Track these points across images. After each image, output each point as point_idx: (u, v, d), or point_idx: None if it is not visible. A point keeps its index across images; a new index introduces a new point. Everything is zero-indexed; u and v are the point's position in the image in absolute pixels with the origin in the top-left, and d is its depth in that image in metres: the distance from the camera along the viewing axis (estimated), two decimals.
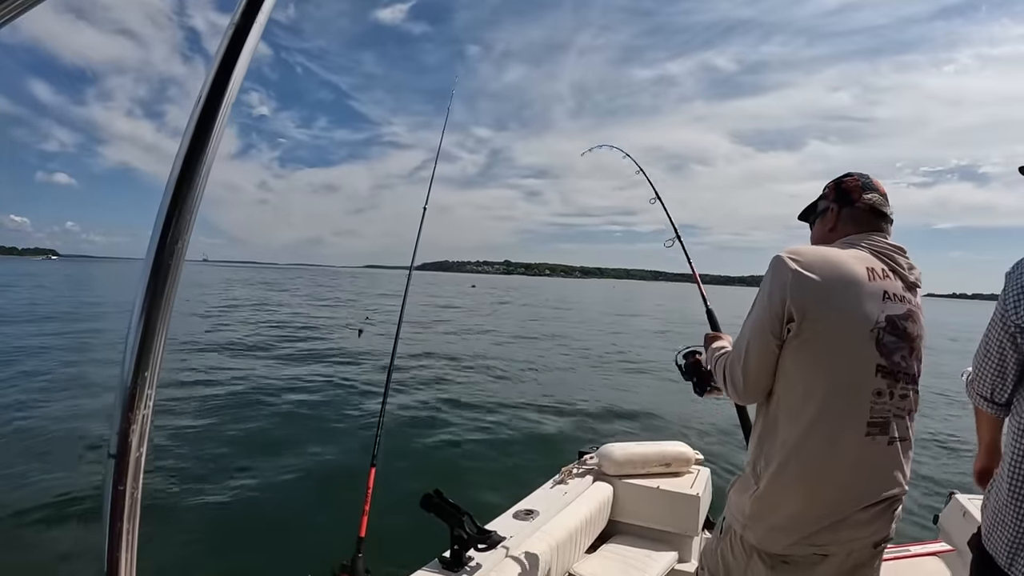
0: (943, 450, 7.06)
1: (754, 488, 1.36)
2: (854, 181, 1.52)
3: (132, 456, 0.42)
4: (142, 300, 0.43)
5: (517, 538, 2.21)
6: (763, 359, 1.35)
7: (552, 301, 39.29)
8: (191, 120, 0.44)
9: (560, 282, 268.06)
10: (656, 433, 7.00)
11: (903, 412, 1.34)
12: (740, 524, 1.39)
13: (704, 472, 3.06)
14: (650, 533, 2.87)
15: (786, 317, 1.30)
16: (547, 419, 7.47)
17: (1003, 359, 1.40)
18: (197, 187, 0.44)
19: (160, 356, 0.44)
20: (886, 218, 1.49)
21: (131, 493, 0.43)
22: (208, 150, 0.44)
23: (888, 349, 1.30)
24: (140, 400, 0.43)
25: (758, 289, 1.41)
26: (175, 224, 0.44)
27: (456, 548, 2.00)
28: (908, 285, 1.39)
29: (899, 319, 1.33)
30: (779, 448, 1.33)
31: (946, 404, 10.18)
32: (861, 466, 1.29)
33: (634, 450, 3.00)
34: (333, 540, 3.45)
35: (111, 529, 0.42)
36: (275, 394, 8.04)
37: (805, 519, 1.29)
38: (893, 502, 1.35)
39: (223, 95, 0.45)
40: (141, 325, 0.43)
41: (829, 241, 1.49)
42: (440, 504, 2.02)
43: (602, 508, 2.80)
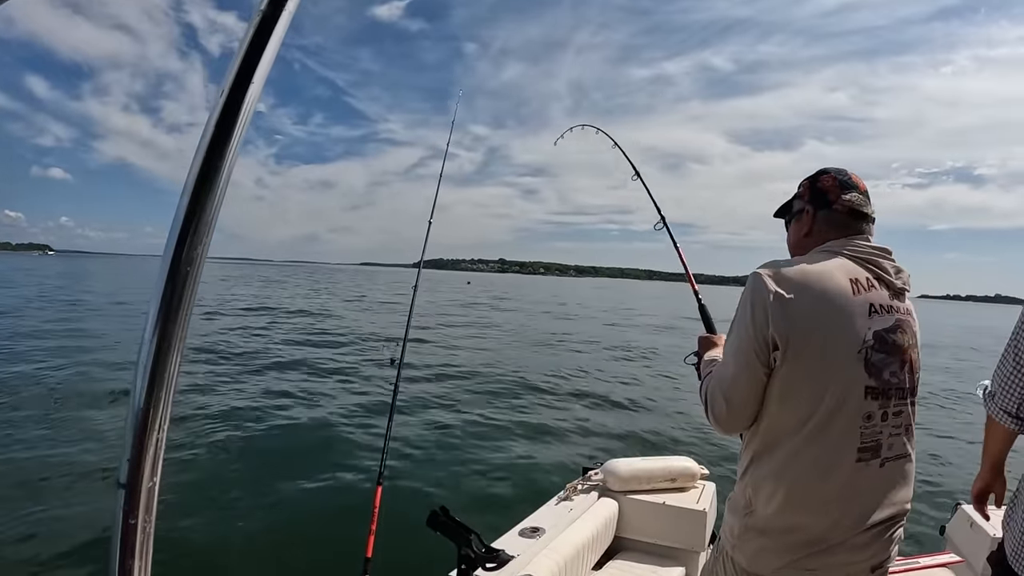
0: (948, 459, 6.99)
1: (744, 510, 1.34)
2: (830, 180, 1.42)
3: (144, 486, 0.39)
4: (156, 313, 0.40)
5: (524, 556, 2.20)
6: (750, 388, 1.29)
7: (546, 303, 39.24)
8: (212, 114, 0.41)
9: (554, 281, 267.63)
10: (661, 448, 6.95)
11: (898, 430, 1.29)
12: (731, 545, 1.37)
13: (710, 487, 3.04)
14: (656, 549, 2.85)
15: (770, 344, 1.24)
16: (551, 434, 7.43)
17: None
18: (218, 187, 0.42)
19: (176, 375, 0.41)
20: (867, 218, 1.40)
21: (143, 527, 0.39)
22: (231, 145, 0.42)
23: (877, 368, 1.25)
24: (154, 424, 0.39)
25: (737, 308, 1.34)
26: (194, 229, 0.41)
27: (463, 567, 1.99)
28: (895, 292, 1.33)
29: (887, 332, 1.27)
30: (767, 474, 1.29)
31: (948, 412, 10.13)
32: (852, 492, 1.25)
33: (639, 465, 2.98)
34: (339, 560, 3.43)
35: (121, 566, 0.39)
36: (279, 408, 8.00)
37: (795, 544, 1.26)
38: (892, 524, 1.30)
39: (247, 88, 0.42)
40: (155, 341, 0.39)
41: (805, 247, 1.42)
42: (447, 522, 2.01)
43: (608, 524, 2.78)
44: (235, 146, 0.42)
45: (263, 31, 0.42)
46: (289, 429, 7.10)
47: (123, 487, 0.39)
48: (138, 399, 0.39)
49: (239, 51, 0.42)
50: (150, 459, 0.40)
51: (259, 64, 0.42)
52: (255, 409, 7.85)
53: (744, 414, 1.31)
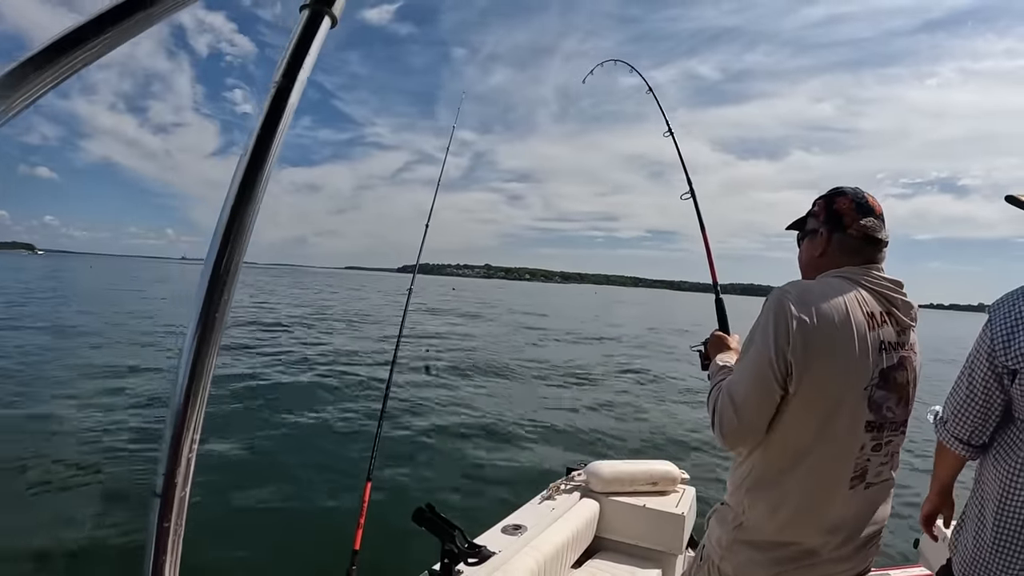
0: (926, 474, 7.01)
1: (733, 522, 1.37)
2: (847, 203, 1.38)
3: (177, 495, 0.44)
4: (193, 335, 0.43)
5: (505, 553, 2.26)
6: (763, 407, 1.27)
7: (535, 308, 39.17)
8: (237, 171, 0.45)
9: (540, 287, 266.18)
10: (643, 451, 7.02)
11: (886, 458, 1.33)
12: (718, 555, 1.40)
13: (690, 491, 3.10)
14: (635, 550, 2.91)
15: (788, 369, 1.23)
16: (535, 434, 7.50)
17: (988, 401, 1.34)
18: (255, 203, 0.45)
19: (206, 396, 0.45)
20: (881, 244, 1.38)
21: (175, 529, 0.45)
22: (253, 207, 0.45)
23: (877, 404, 1.27)
24: (185, 442, 0.44)
25: (754, 324, 1.32)
26: (233, 236, 0.44)
27: (446, 562, 2.06)
28: (902, 328, 1.33)
29: (891, 370, 1.28)
30: (767, 495, 1.31)
31: (929, 427, 10.18)
32: (840, 515, 1.30)
33: (621, 468, 3.05)
34: (329, 552, 3.49)
35: (155, 564, 0.44)
36: (270, 406, 8.04)
37: (784, 557, 1.30)
38: (872, 537, 1.36)
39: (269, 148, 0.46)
40: (190, 362, 0.43)
41: (819, 267, 1.41)
42: (432, 519, 2.08)
43: (589, 524, 2.84)
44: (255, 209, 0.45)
45: (279, 100, 0.47)
46: (281, 425, 7.15)
47: (158, 496, 0.44)
48: (174, 418, 0.44)
49: (256, 124, 0.46)
50: (182, 472, 0.44)
51: (275, 136, 0.46)
52: (247, 405, 7.91)
53: (754, 432, 1.29)
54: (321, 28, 0.49)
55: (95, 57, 0.45)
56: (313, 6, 0.49)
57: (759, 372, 1.26)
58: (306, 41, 0.49)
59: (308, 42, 0.49)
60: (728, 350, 1.64)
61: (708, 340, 1.74)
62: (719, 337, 1.71)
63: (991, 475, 1.36)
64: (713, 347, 1.69)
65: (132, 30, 0.46)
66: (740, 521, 1.35)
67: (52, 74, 0.43)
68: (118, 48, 0.45)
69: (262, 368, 10.76)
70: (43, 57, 0.42)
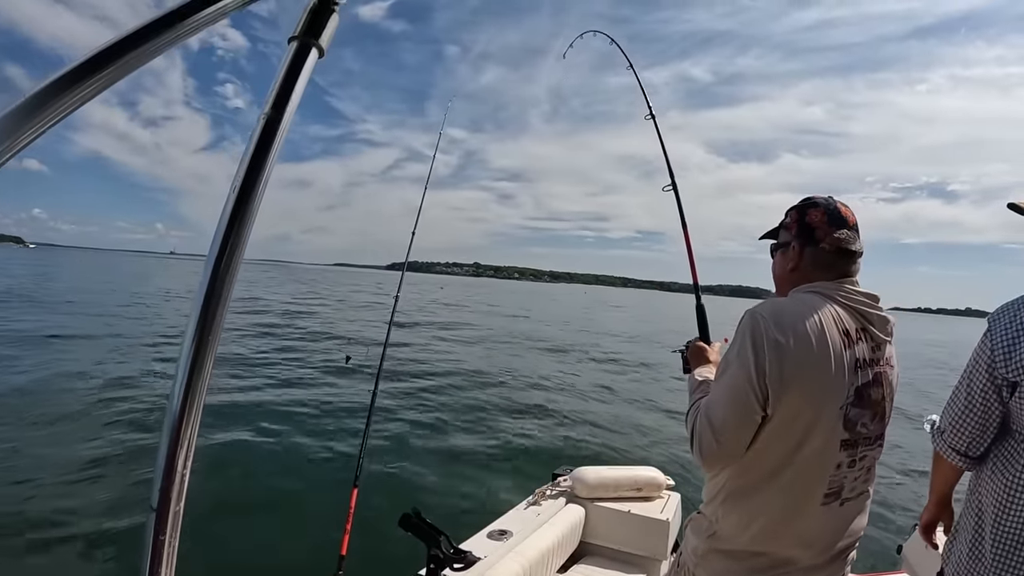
0: (908, 479, 7.12)
1: (707, 531, 1.38)
2: (819, 216, 1.36)
3: (172, 510, 0.46)
4: (188, 355, 0.45)
5: (491, 558, 2.28)
6: (741, 430, 1.26)
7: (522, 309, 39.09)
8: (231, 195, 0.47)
9: (530, 286, 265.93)
10: (628, 457, 7.05)
11: (861, 473, 1.33)
12: (693, 563, 1.42)
13: (675, 497, 3.13)
14: (620, 556, 2.94)
15: (765, 391, 1.23)
16: (522, 440, 7.52)
17: (987, 413, 1.33)
18: (245, 234, 0.47)
19: (200, 414, 0.46)
20: (855, 257, 1.36)
21: (170, 542, 0.47)
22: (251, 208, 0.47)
23: (852, 422, 1.27)
24: (180, 458, 0.46)
25: (730, 345, 1.31)
26: (225, 259, 0.46)
27: (432, 567, 2.07)
28: (877, 344, 1.32)
29: (865, 388, 1.28)
30: (738, 509, 1.33)
31: (915, 431, 10.28)
32: (814, 530, 1.31)
33: (607, 474, 3.07)
34: (315, 557, 3.48)
35: (151, 574, 0.46)
36: (257, 411, 7.98)
37: (755, 565, 1.32)
38: (846, 549, 1.37)
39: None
40: (184, 386, 0.45)
41: (792, 281, 1.39)
42: (418, 524, 2.09)
43: (574, 530, 2.86)
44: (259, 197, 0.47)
45: (269, 132, 0.48)
46: (267, 431, 7.10)
47: (154, 511, 0.46)
48: (169, 435, 0.45)
49: (247, 156, 0.48)
50: (176, 487, 0.47)
51: (264, 167, 0.48)
52: (232, 410, 7.82)
53: (732, 455, 1.29)
54: (308, 60, 0.51)
55: (120, 76, 0.45)
56: (301, 38, 0.51)
57: (737, 396, 1.25)
58: (294, 73, 0.50)
59: (296, 73, 0.51)
60: (707, 363, 1.62)
61: (689, 346, 1.72)
62: (699, 348, 1.69)
63: (988, 488, 1.34)
64: (693, 358, 1.67)
65: (162, 47, 0.46)
66: (714, 530, 1.36)
67: (82, 92, 0.43)
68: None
69: (243, 372, 10.67)
70: (76, 73, 0.42)
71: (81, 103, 0.44)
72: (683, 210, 2.24)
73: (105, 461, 5.68)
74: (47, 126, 0.42)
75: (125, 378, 9.37)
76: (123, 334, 14.51)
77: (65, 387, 8.54)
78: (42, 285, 32.03)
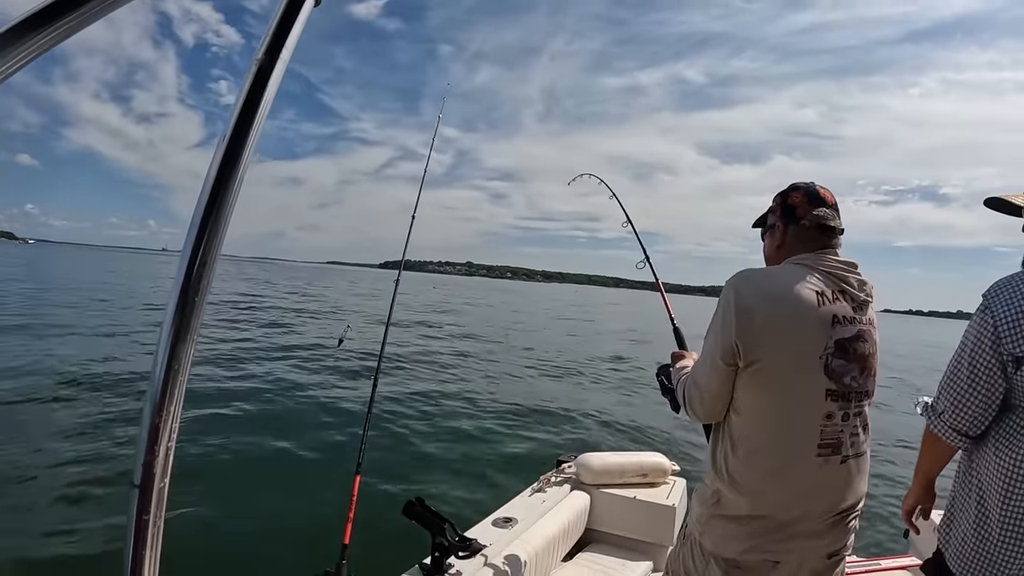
0: (914, 463, 7.09)
1: (710, 499, 1.44)
2: (800, 196, 1.50)
3: (156, 486, 0.43)
4: (171, 322, 0.43)
5: (496, 546, 2.26)
6: (719, 386, 1.40)
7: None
8: (213, 162, 0.45)
9: (522, 285, 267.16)
10: (634, 443, 7.07)
11: (857, 429, 1.39)
12: (698, 531, 1.47)
13: (680, 483, 3.12)
14: (626, 542, 2.93)
15: (735, 350, 1.35)
16: (527, 426, 7.52)
17: (992, 390, 1.31)
18: (229, 200, 0.45)
19: (184, 385, 0.44)
20: (835, 232, 1.48)
21: (154, 522, 0.44)
22: (233, 185, 0.44)
23: (837, 373, 1.33)
24: (164, 432, 0.43)
25: (712, 316, 1.44)
26: (205, 242, 0.44)
27: (437, 555, 2.05)
28: (858, 304, 1.41)
29: (848, 341, 1.35)
30: (733, 467, 1.40)
31: (919, 417, 10.31)
32: (813, 486, 1.35)
33: (612, 460, 3.06)
34: (318, 546, 3.47)
35: (135, 557, 0.44)
36: (257, 397, 7.97)
37: (756, 529, 1.36)
38: (848, 514, 1.41)
39: (251, 123, 0.45)
40: (167, 355, 0.43)
41: (779, 259, 1.51)
42: (422, 512, 2.08)
43: (579, 516, 2.85)
44: (234, 194, 0.45)
45: (260, 79, 0.46)
46: (268, 418, 7.10)
47: (137, 487, 0.43)
48: (151, 407, 0.43)
49: (237, 104, 0.45)
50: (160, 463, 0.43)
51: (256, 116, 0.45)
52: (233, 398, 7.82)
53: (715, 408, 1.44)
54: (305, 5, 0.48)
55: (72, 32, 0.43)
56: None
57: (714, 353, 1.40)
58: (289, 18, 0.48)
59: (291, 19, 0.48)
60: (685, 358, 1.80)
61: (667, 365, 1.88)
62: (678, 353, 1.88)
63: (992, 466, 1.33)
64: (675, 361, 1.84)
65: (107, 7, 0.44)
66: (717, 498, 1.43)
67: (24, 51, 0.41)
68: (102, 35, 0.42)
69: (245, 360, 10.66)
70: (14, 33, 0.41)
71: (50, 45, 0.43)
72: (658, 278, 2.82)
73: (85, 434, 5.69)
74: (17, 66, 0.41)
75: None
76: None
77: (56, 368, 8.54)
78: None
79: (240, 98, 0.46)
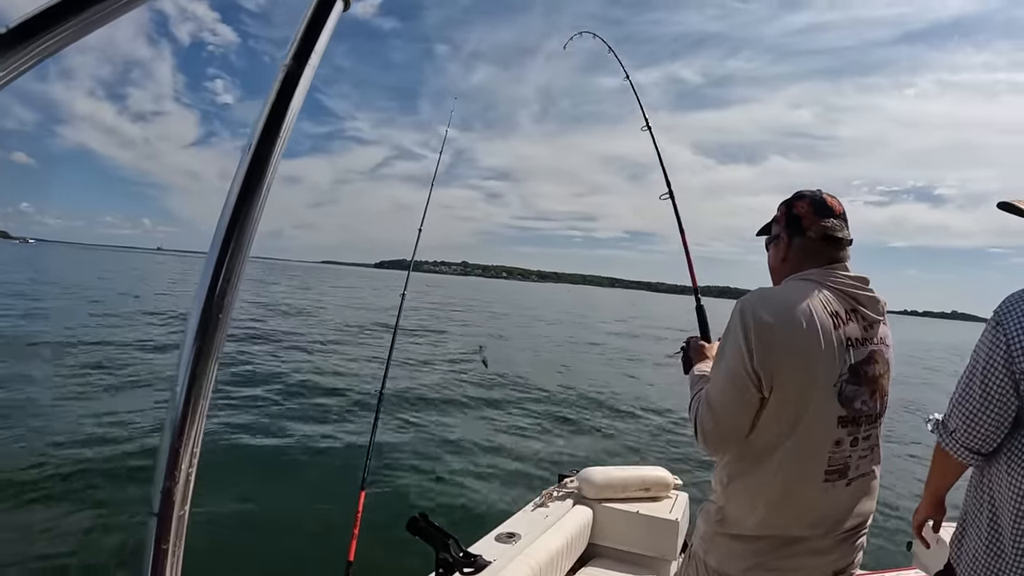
0: (921, 476, 7.00)
1: (716, 516, 1.42)
2: (805, 206, 1.42)
3: (175, 515, 0.42)
4: (192, 342, 0.42)
5: (500, 562, 2.26)
6: (740, 412, 1.31)
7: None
8: (240, 166, 0.44)
9: (518, 286, 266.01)
10: (636, 457, 7.03)
11: (866, 452, 1.36)
12: (703, 549, 1.45)
13: (683, 497, 3.10)
14: (629, 557, 2.91)
15: (757, 375, 1.28)
16: (528, 441, 7.50)
17: (1005, 408, 1.30)
18: (255, 213, 0.44)
19: (206, 408, 0.43)
20: (842, 244, 1.41)
21: (174, 552, 0.43)
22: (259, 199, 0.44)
23: (848, 399, 1.30)
24: (184, 457, 0.42)
25: (724, 334, 1.37)
26: (230, 256, 0.43)
27: (441, 572, 2.05)
28: (870, 323, 1.36)
29: (860, 365, 1.31)
30: (742, 491, 1.36)
31: (923, 428, 10.22)
32: (818, 510, 1.33)
33: (614, 474, 3.05)
34: (323, 563, 3.46)
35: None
36: (262, 413, 7.96)
37: (761, 547, 1.34)
38: (855, 532, 1.39)
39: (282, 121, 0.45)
40: (187, 376, 0.42)
41: (784, 272, 1.45)
42: (426, 528, 2.08)
43: (582, 531, 2.83)
44: (264, 197, 0.44)
45: (288, 85, 0.45)
46: (273, 434, 7.07)
47: (155, 515, 0.42)
48: (171, 430, 0.42)
49: (264, 111, 0.45)
50: (180, 490, 0.43)
51: (283, 124, 0.45)
52: (238, 413, 7.80)
53: (734, 436, 1.34)
54: (334, 11, 0.48)
55: (75, 39, 0.43)
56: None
57: (733, 380, 1.31)
58: (318, 23, 0.47)
59: (320, 24, 0.47)
60: (707, 359, 1.67)
61: (688, 346, 1.76)
62: (700, 345, 1.74)
63: (1004, 483, 1.32)
64: (695, 354, 1.72)
65: (111, 14, 0.44)
66: (722, 516, 1.40)
67: (24, 56, 0.41)
68: (98, 32, 0.43)
69: (247, 372, 10.64)
70: (14, 37, 0.40)
71: (55, 49, 0.42)
72: (680, 216, 2.35)
73: (103, 460, 5.66)
74: (23, 68, 0.40)
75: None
76: None
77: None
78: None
79: (267, 106, 0.45)
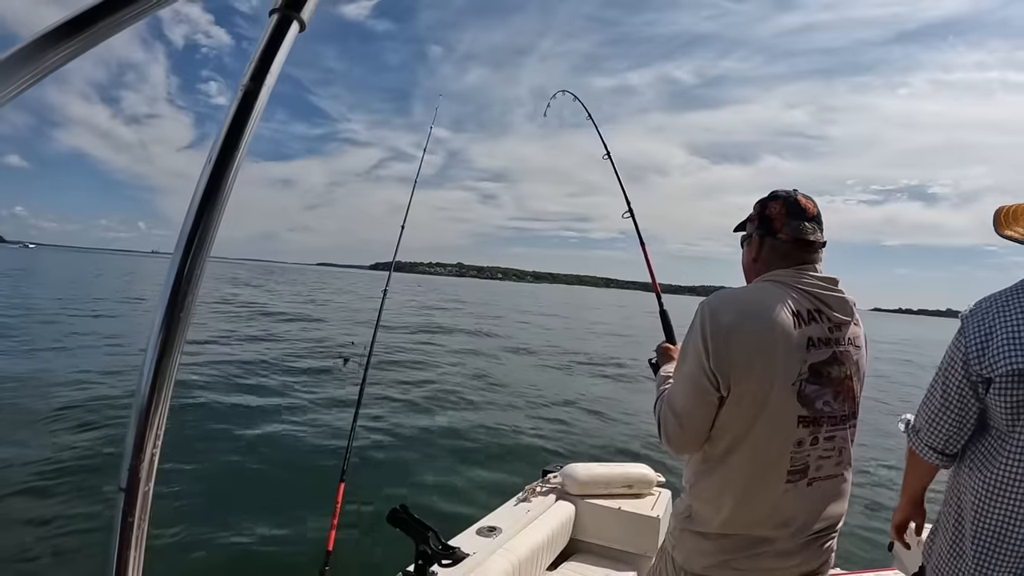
0: (900, 475, 7.09)
1: (683, 513, 1.43)
2: (778, 208, 1.42)
3: (141, 490, 0.44)
4: (158, 334, 0.44)
5: (480, 555, 2.26)
6: (701, 414, 1.33)
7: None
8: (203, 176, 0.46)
9: (514, 286, 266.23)
10: (619, 454, 7.06)
11: (829, 453, 1.35)
12: (671, 545, 1.46)
13: (665, 494, 3.12)
14: (610, 553, 2.93)
15: (714, 378, 1.29)
16: (512, 436, 7.50)
17: (964, 410, 1.33)
18: (215, 221, 0.45)
19: (169, 395, 0.45)
20: (814, 246, 1.40)
21: (139, 524, 0.45)
22: (220, 202, 0.46)
23: (809, 399, 1.30)
24: (150, 438, 0.44)
25: (685, 336, 1.39)
26: (190, 262, 0.45)
27: (420, 563, 2.06)
28: (835, 324, 1.35)
29: (822, 365, 1.31)
30: (707, 489, 1.37)
31: (902, 435, 10.33)
32: (782, 511, 1.32)
33: (597, 471, 3.07)
34: (302, 554, 3.46)
35: (119, 559, 0.45)
36: (241, 406, 7.91)
37: (726, 546, 1.34)
38: (822, 535, 1.38)
39: (238, 145, 0.46)
40: (153, 366, 0.44)
41: (755, 272, 1.46)
42: (406, 520, 2.08)
43: (564, 527, 2.85)
44: (224, 201, 0.46)
45: (246, 104, 0.47)
46: (252, 426, 7.02)
47: (123, 491, 0.44)
48: (138, 415, 0.44)
49: (223, 127, 0.47)
50: (146, 468, 0.45)
51: (242, 139, 0.47)
52: (216, 406, 7.76)
53: (696, 437, 1.35)
54: (289, 33, 0.50)
55: (78, 53, 0.44)
56: (282, 10, 0.50)
57: (692, 381, 1.33)
58: (274, 45, 0.49)
59: (276, 46, 0.49)
60: (672, 360, 1.70)
61: (657, 349, 1.82)
62: (665, 348, 1.80)
63: (967, 485, 1.34)
64: (661, 357, 1.78)
65: (115, 27, 0.45)
66: (689, 513, 1.41)
67: (34, 70, 0.42)
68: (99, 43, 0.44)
69: (227, 365, 10.59)
70: (27, 51, 0.41)
71: (58, 65, 0.43)
72: (640, 232, 2.57)
73: (73, 443, 5.63)
74: (23, 86, 0.41)
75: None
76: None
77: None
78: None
79: (226, 123, 0.47)
